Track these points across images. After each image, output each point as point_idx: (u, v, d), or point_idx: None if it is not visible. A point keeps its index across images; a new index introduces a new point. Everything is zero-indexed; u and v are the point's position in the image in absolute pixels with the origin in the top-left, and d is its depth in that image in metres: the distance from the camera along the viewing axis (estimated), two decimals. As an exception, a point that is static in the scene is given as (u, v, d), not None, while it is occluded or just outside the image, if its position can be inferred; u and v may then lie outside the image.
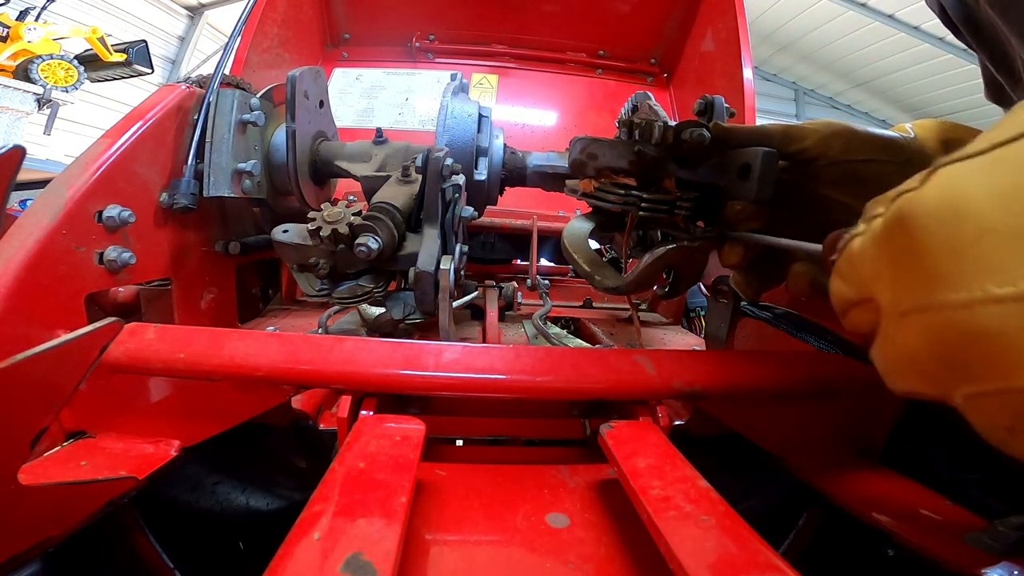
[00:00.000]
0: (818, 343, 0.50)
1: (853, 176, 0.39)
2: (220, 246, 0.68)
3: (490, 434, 0.47)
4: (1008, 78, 0.50)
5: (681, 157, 0.43)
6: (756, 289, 0.45)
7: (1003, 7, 0.43)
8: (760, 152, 0.38)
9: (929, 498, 0.36)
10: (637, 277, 0.44)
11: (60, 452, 0.36)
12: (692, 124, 0.41)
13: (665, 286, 0.51)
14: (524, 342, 0.76)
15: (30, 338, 0.39)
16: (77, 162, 0.48)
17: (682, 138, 0.41)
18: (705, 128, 0.41)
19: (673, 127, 0.42)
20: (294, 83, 0.63)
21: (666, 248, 0.44)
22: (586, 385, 0.38)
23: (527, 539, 0.31)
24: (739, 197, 0.41)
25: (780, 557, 0.24)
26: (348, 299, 0.56)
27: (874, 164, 0.39)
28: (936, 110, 7.45)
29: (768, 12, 6.65)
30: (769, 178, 0.38)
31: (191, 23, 6.74)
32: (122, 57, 4.19)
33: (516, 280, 1.02)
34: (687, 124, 0.41)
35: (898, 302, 0.21)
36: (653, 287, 0.48)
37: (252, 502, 0.47)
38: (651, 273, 0.45)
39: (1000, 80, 0.49)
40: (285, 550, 0.23)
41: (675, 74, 1.39)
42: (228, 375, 0.36)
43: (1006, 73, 0.49)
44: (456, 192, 0.58)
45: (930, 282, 0.19)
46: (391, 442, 0.33)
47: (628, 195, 0.44)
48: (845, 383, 0.41)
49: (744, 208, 0.41)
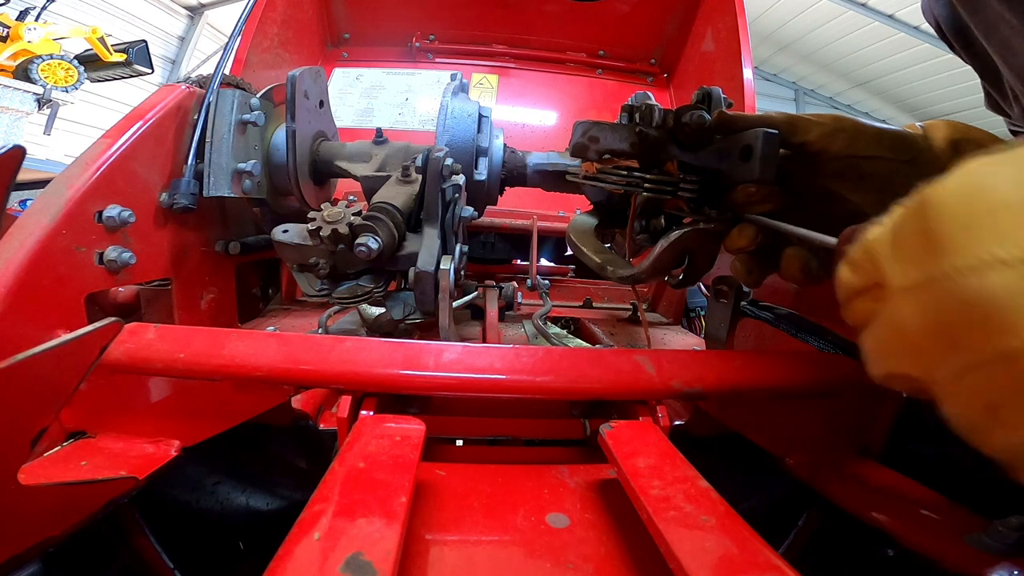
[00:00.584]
0: (818, 343, 0.50)
1: (855, 171, 0.39)
2: (220, 246, 0.68)
3: (490, 434, 0.47)
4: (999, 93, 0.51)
5: (682, 141, 0.43)
6: (757, 278, 0.44)
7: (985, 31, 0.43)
8: (761, 133, 0.38)
9: (929, 498, 0.36)
10: (653, 263, 0.44)
11: (60, 452, 0.36)
12: (693, 107, 0.41)
13: (679, 275, 0.50)
14: (524, 342, 0.76)
15: (30, 338, 0.39)
16: (77, 162, 0.48)
17: (683, 121, 0.41)
18: (705, 111, 0.40)
19: (674, 111, 0.41)
20: (294, 83, 0.63)
21: (682, 231, 0.43)
22: (586, 385, 0.38)
23: (527, 539, 0.31)
24: (742, 179, 0.40)
25: (780, 557, 0.24)
26: (348, 299, 0.56)
27: (878, 161, 0.39)
28: (936, 110, 7.45)
29: (768, 12, 6.65)
30: (771, 158, 0.38)
31: (191, 23, 6.74)
32: (122, 57, 4.20)
33: (516, 280, 1.02)
34: (688, 108, 0.41)
35: (904, 276, 0.21)
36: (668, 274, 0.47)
37: (252, 502, 0.47)
38: (667, 258, 0.44)
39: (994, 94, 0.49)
40: (285, 550, 0.23)
41: (675, 74, 1.39)
42: (228, 375, 0.36)
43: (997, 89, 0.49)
44: (456, 192, 0.58)
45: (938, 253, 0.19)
46: (391, 442, 0.33)
47: (631, 176, 0.44)
48: (845, 383, 0.41)
49: (759, 190, 0.40)
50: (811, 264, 0.39)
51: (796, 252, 0.40)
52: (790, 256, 0.40)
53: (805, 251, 0.40)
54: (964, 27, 0.50)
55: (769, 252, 0.44)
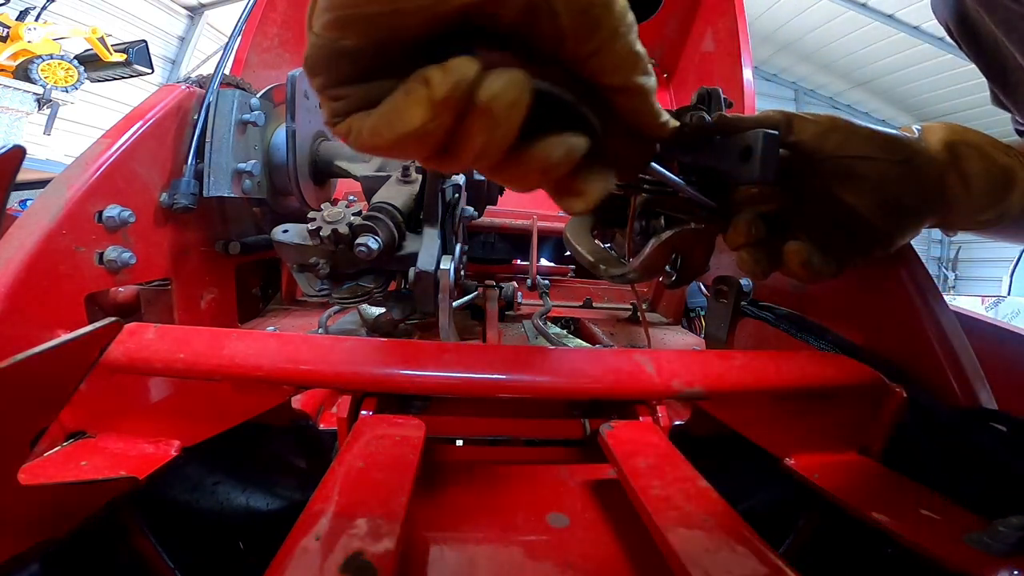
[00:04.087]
0: (818, 343, 0.50)
1: (848, 172, 0.39)
2: (220, 246, 0.68)
3: (490, 434, 0.47)
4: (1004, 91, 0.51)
5: (682, 142, 0.43)
6: (766, 267, 0.43)
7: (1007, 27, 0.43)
8: (761, 134, 0.38)
9: (929, 498, 0.36)
10: (643, 263, 0.44)
11: (60, 452, 0.36)
12: (693, 108, 0.41)
13: (672, 275, 0.50)
14: (524, 342, 0.76)
15: (30, 338, 0.39)
16: (77, 162, 0.48)
17: (683, 121, 0.41)
18: (705, 112, 0.40)
19: (673, 112, 0.41)
20: (294, 83, 0.63)
21: (671, 231, 0.43)
22: (586, 385, 0.38)
23: (527, 539, 0.31)
24: (742, 180, 0.40)
25: (780, 557, 0.24)
26: (348, 299, 0.56)
27: (871, 161, 0.39)
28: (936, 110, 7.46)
29: (768, 12, 6.65)
30: (771, 159, 0.38)
31: (191, 23, 6.74)
32: (122, 57, 4.20)
33: (516, 280, 1.02)
34: (688, 108, 0.41)
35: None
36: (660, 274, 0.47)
37: (252, 502, 0.47)
38: (657, 258, 0.44)
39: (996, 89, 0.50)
40: (285, 550, 0.23)
41: (675, 74, 1.39)
42: (228, 375, 0.36)
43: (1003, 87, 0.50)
44: (456, 192, 0.58)
45: None
46: (391, 442, 0.33)
47: None
48: (845, 383, 0.41)
49: (759, 191, 0.40)
50: (813, 259, 0.39)
51: (797, 247, 0.40)
52: (791, 251, 0.40)
53: (807, 246, 0.40)
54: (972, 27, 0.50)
55: (771, 247, 0.43)
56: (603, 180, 0.27)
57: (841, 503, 0.37)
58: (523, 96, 0.22)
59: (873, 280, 0.46)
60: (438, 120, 0.22)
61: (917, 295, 0.43)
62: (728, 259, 0.50)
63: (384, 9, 0.20)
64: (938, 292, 0.44)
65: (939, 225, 0.45)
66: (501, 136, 0.23)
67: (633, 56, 0.24)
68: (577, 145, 0.25)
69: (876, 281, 0.46)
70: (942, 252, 9.79)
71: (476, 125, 0.22)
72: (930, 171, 0.40)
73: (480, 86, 0.21)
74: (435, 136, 0.22)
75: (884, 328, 0.46)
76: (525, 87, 0.22)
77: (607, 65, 0.24)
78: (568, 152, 0.25)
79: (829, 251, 0.40)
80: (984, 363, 0.41)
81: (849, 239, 0.40)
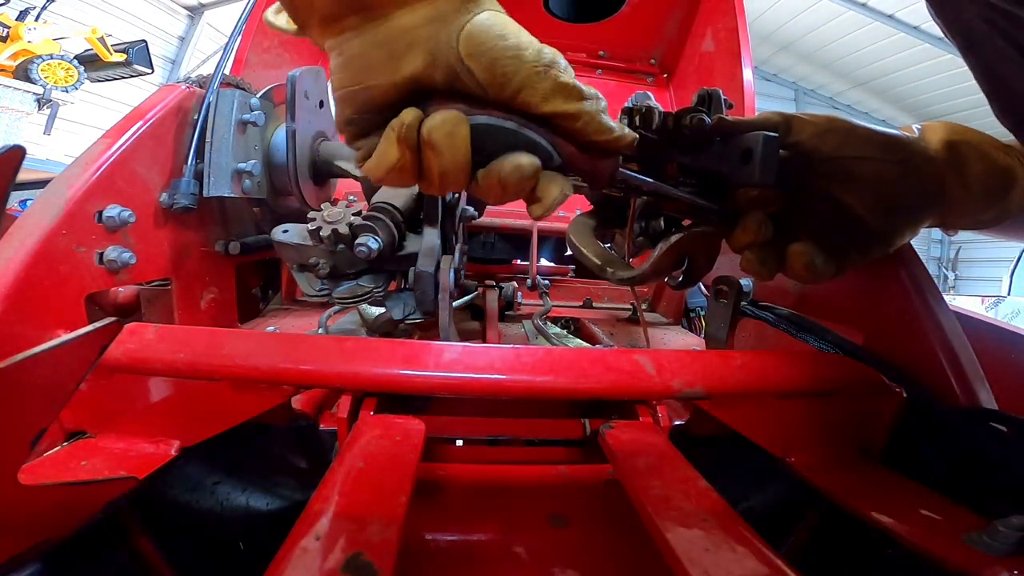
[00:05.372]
0: (818, 343, 0.50)
1: (847, 172, 0.39)
2: (220, 246, 0.68)
3: (490, 434, 0.47)
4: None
5: (682, 144, 0.43)
6: (772, 267, 0.43)
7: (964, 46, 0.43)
8: (761, 136, 0.38)
9: (929, 498, 0.36)
10: (653, 266, 0.44)
11: (60, 452, 0.36)
12: (693, 110, 0.41)
13: (679, 276, 0.50)
14: (524, 342, 0.76)
15: (30, 338, 0.39)
16: (77, 162, 0.48)
17: (683, 123, 0.41)
18: (706, 113, 0.40)
19: (674, 114, 0.42)
20: (294, 83, 0.63)
21: (681, 234, 0.43)
22: (586, 385, 0.38)
23: (527, 539, 0.31)
24: (742, 182, 0.40)
25: (780, 557, 0.24)
26: (348, 299, 0.56)
27: (869, 161, 0.39)
28: (936, 110, 7.46)
29: (768, 12, 6.65)
30: (771, 162, 0.38)
31: (191, 23, 6.75)
32: (122, 57, 4.20)
33: (516, 280, 1.02)
34: (688, 110, 0.41)
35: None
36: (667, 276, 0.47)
37: (252, 502, 0.47)
38: (667, 261, 0.44)
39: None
40: (285, 550, 0.23)
41: (675, 74, 1.39)
42: (228, 375, 0.36)
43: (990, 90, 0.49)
44: (456, 192, 0.58)
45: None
46: (391, 442, 0.33)
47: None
48: (845, 383, 0.41)
49: (760, 193, 0.40)
50: (816, 261, 0.39)
51: (802, 248, 0.40)
52: (796, 252, 0.40)
53: (810, 247, 0.40)
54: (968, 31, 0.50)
55: (774, 248, 0.43)
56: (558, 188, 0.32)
57: (841, 503, 0.37)
58: (458, 128, 0.29)
59: (873, 280, 0.46)
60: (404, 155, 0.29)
61: (917, 295, 0.43)
62: (727, 259, 0.50)
63: (360, 86, 0.29)
64: (938, 292, 0.43)
65: (939, 224, 0.45)
66: (451, 160, 0.29)
67: (560, 88, 0.30)
68: (524, 162, 0.30)
69: (876, 281, 0.46)
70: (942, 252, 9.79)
71: (427, 154, 0.29)
72: (929, 171, 0.40)
73: (422, 125, 0.29)
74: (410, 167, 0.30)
75: (884, 328, 0.46)
76: (459, 121, 0.29)
77: (534, 100, 0.29)
78: (516, 168, 0.30)
79: (829, 251, 0.40)
80: (984, 363, 0.41)
81: (849, 239, 0.40)
